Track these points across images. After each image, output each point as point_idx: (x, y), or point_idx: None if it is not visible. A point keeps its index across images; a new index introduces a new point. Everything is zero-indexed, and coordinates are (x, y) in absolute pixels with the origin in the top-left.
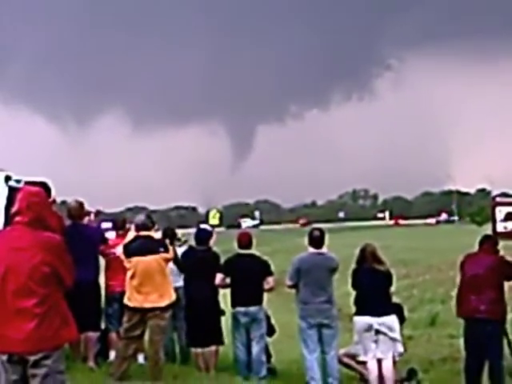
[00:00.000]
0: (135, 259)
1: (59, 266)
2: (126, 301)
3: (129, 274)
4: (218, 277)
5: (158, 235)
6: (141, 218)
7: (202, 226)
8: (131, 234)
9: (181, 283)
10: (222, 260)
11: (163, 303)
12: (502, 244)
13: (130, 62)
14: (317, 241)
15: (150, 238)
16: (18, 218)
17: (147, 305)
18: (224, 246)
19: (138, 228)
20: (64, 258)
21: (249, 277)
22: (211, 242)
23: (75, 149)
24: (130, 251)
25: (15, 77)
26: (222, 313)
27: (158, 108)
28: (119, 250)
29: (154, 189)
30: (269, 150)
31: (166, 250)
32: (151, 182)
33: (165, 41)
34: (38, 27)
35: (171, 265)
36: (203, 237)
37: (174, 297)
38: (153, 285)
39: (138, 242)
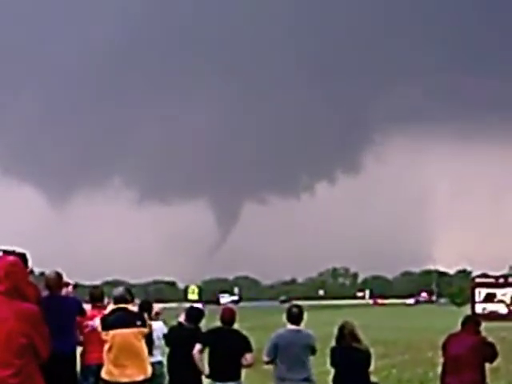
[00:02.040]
0: (112, 332)
1: (35, 337)
2: (102, 374)
3: (106, 346)
4: (197, 347)
5: (134, 309)
6: (119, 290)
7: (195, 305)
8: (110, 307)
9: (158, 358)
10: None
11: (140, 377)
12: (484, 325)
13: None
14: (295, 317)
15: (127, 311)
16: None
17: (124, 379)
18: (203, 321)
19: (116, 301)
20: (41, 329)
21: (228, 351)
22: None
23: (59, 220)
24: (107, 324)
25: (6, 144)
26: None
27: (144, 181)
28: (96, 323)
29: (133, 262)
30: (250, 227)
31: (144, 324)
32: (131, 255)
33: (167, 105)
34: (31, 90)
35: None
36: (195, 315)
37: (150, 371)
38: (130, 358)
39: (116, 315)
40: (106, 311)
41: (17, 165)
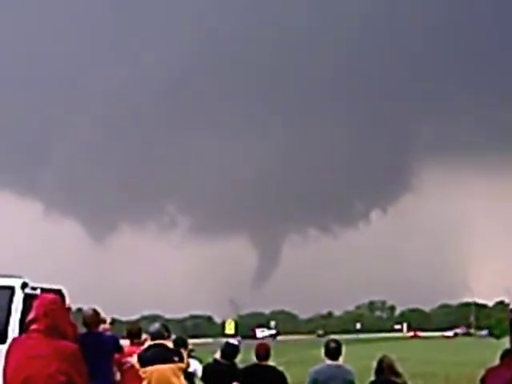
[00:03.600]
0: (150, 368)
1: (75, 375)
2: None
3: (144, 383)
4: None
5: (170, 344)
6: (156, 326)
7: (231, 340)
8: (147, 343)
9: None
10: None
11: None
12: None
13: (169, 171)
14: (333, 352)
15: (164, 346)
16: (34, 326)
17: None
18: (240, 356)
19: (153, 337)
20: (79, 367)
21: None
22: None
23: (100, 255)
24: (144, 360)
25: (50, 179)
26: None
27: (189, 216)
28: (134, 359)
29: (171, 297)
30: (289, 261)
31: (181, 359)
32: (168, 289)
33: (214, 138)
34: (80, 122)
35: None
36: (230, 352)
37: None
38: None
39: (153, 351)
40: (144, 347)
41: (62, 198)
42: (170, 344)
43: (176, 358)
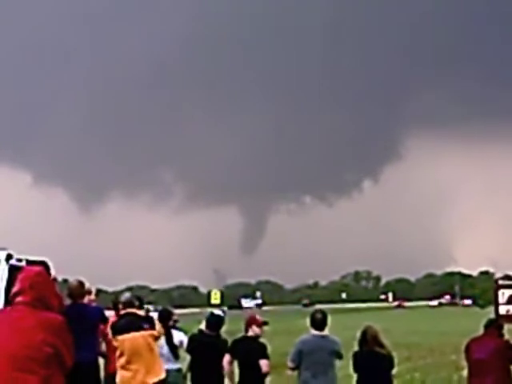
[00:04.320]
0: (121, 337)
1: (61, 347)
2: (117, 380)
3: (117, 352)
4: (226, 358)
5: (141, 313)
6: (126, 295)
7: (216, 311)
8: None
9: (172, 366)
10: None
11: (151, 380)
12: (507, 327)
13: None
14: (319, 323)
15: (135, 315)
16: (19, 299)
17: (135, 383)
18: (226, 326)
19: (124, 306)
20: (66, 339)
21: (251, 361)
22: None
23: (88, 226)
24: (116, 329)
25: (39, 149)
26: None
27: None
28: None
29: (157, 268)
30: (274, 233)
31: (153, 327)
32: (155, 260)
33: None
34: (70, 103)
35: (165, 350)
36: (214, 322)
37: (163, 375)
38: (140, 362)
39: (124, 320)
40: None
41: (51, 170)
42: (141, 313)
43: (146, 326)
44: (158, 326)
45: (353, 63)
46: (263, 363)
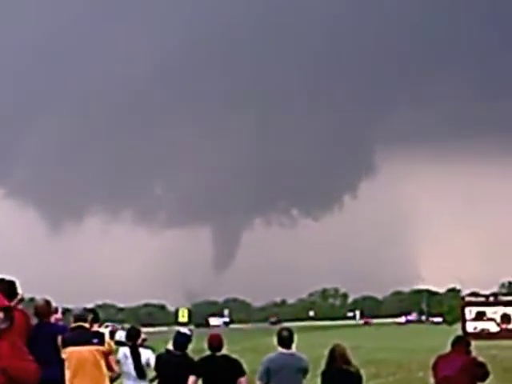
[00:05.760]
0: (69, 350)
1: None
2: None
3: (66, 365)
4: (191, 379)
5: (95, 328)
6: (78, 308)
7: (182, 329)
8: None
9: None
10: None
11: None
12: (474, 344)
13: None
14: (286, 341)
15: (84, 328)
16: None
17: None
18: (193, 345)
19: (75, 319)
20: None
21: (222, 378)
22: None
23: (56, 244)
24: (65, 341)
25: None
26: None
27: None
28: None
29: (125, 286)
30: (242, 250)
31: (102, 343)
32: (123, 279)
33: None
34: (48, 115)
35: (131, 369)
36: (181, 342)
37: None
38: (85, 377)
39: (73, 333)
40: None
41: (25, 185)
42: (95, 327)
43: (95, 341)
44: (107, 342)
45: (331, 81)
46: (242, 381)
